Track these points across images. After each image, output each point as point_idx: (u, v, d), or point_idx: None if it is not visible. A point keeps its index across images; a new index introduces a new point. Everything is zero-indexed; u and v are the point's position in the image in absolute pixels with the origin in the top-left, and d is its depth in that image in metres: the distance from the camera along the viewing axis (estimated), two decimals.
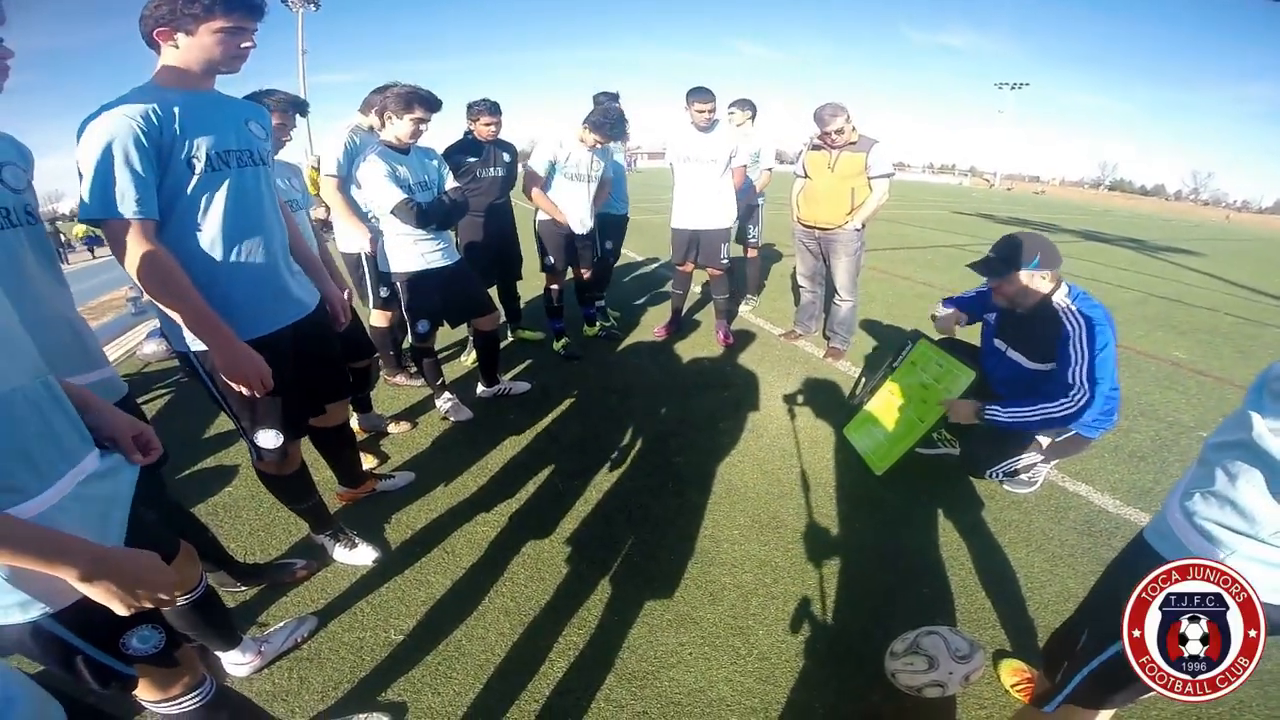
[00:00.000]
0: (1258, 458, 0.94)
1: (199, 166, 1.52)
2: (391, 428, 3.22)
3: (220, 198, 1.57)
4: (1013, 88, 77.18)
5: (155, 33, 1.48)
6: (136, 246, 1.45)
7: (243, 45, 1.54)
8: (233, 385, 1.62)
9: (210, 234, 1.59)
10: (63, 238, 30.93)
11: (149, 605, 0.89)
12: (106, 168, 1.39)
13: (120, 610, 0.86)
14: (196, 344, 1.61)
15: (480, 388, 3.62)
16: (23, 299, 1.32)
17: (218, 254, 1.60)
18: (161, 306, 1.54)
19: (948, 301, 2.97)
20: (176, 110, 1.47)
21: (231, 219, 1.60)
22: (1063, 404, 2.30)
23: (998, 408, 2.46)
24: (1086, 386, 2.27)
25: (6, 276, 1.28)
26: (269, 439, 1.82)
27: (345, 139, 3.16)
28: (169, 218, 1.52)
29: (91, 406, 1.11)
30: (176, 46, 1.49)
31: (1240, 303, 7.61)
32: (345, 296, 2.22)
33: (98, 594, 0.84)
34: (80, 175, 1.41)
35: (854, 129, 3.90)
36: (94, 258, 27.07)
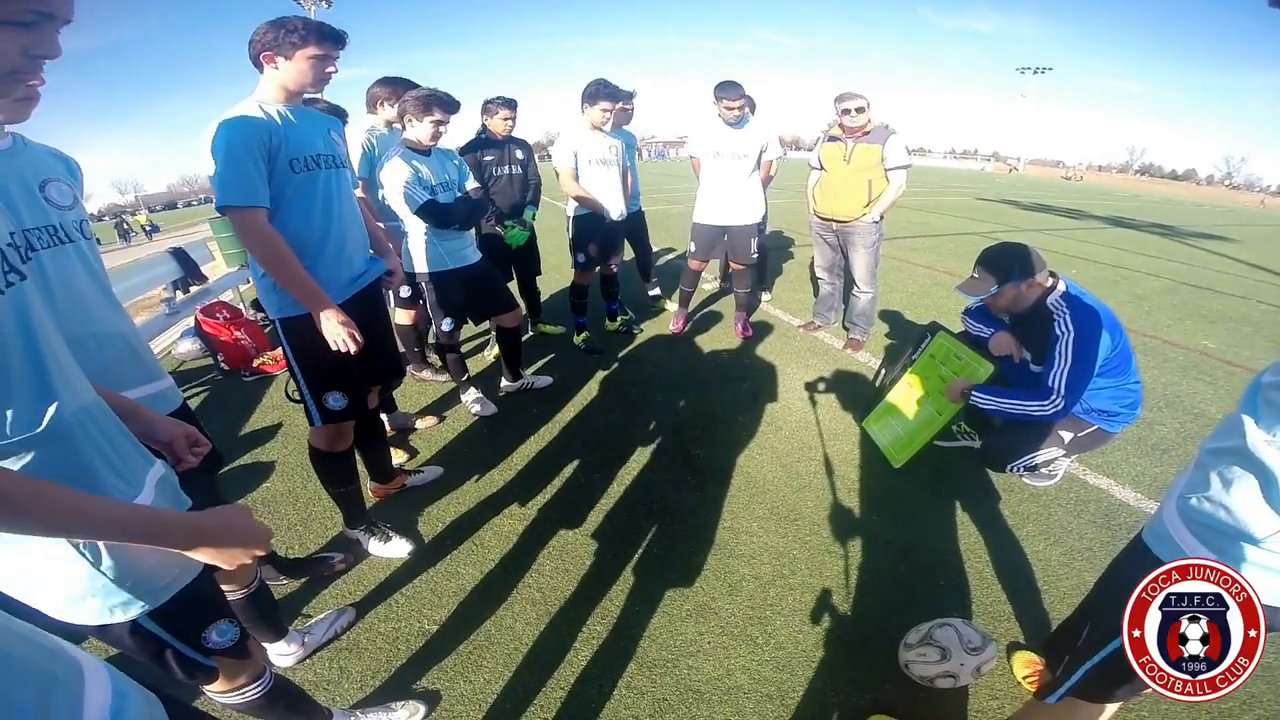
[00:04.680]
0: (1252, 464, 0.95)
1: (298, 168, 1.81)
2: (419, 423, 3.32)
3: (312, 194, 1.87)
4: (1035, 72, 75.34)
5: (261, 55, 1.77)
6: (258, 229, 1.74)
7: (328, 70, 1.84)
8: (332, 341, 1.89)
9: (305, 222, 1.88)
10: (125, 225, 34.35)
11: (247, 560, 0.95)
12: (234, 165, 1.68)
13: (226, 565, 0.93)
14: (283, 312, 1.94)
15: (504, 382, 3.70)
16: (77, 316, 1.37)
17: (309, 238, 1.90)
18: (275, 277, 1.84)
19: (972, 316, 2.90)
20: (279, 121, 1.78)
21: (320, 211, 1.91)
22: (1040, 405, 2.35)
23: (984, 393, 2.51)
24: (1063, 393, 2.30)
25: (59, 294, 1.33)
26: (337, 400, 2.06)
27: (363, 141, 3.24)
28: (274, 209, 1.80)
29: (141, 416, 1.16)
30: (277, 68, 1.78)
31: (1275, 290, 7.40)
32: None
33: (205, 555, 0.91)
34: (214, 170, 1.69)
35: (869, 120, 3.89)
36: (149, 239, 32.47)
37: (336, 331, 1.87)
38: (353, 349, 1.91)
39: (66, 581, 0.91)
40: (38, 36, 0.78)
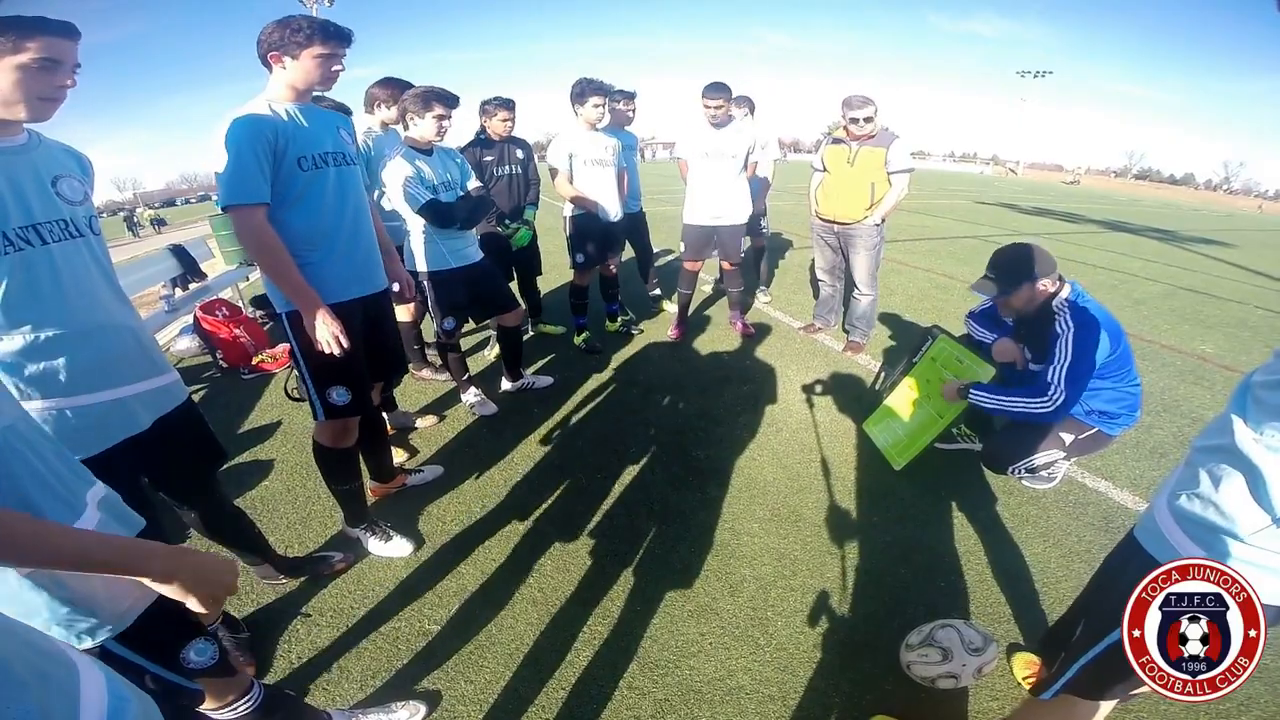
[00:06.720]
0: (1240, 462, 0.96)
1: (306, 165, 1.84)
2: (419, 422, 3.32)
3: (320, 191, 1.89)
4: (1035, 76, 76.02)
5: (269, 55, 1.79)
6: (253, 227, 1.77)
7: (335, 69, 1.85)
8: (316, 341, 1.89)
9: (310, 219, 1.90)
10: (135, 220, 36.67)
11: (220, 600, 0.91)
12: (237, 165, 1.71)
13: (195, 606, 0.88)
14: (290, 305, 1.92)
15: (504, 382, 3.70)
16: (86, 309, 1.40)
17: (314, 235, 1.93)
18: (267, 274, 1.88)
19: (975, 320, 2.94)
20: (287, 119, 1.81)
21: (329, 208, 1.93)
22: (1041, 402, 2.37)
23: (983, 391, 2.54)
24: (1063, 388, 2.32)
25: (70, 287, 1.36)
26: (341, 395, 2.07)
27: (358, 142, 3.21)
28: (281, 205, 1.83)
29: None
30: (284, 68, 1.80)
31: (1272, 295, 7.42)
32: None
33: (177, 591, 0.86)
34: (222, 169, 1.73)
35: (874, 124, 3.89)
36: (157, 232, 35.28)
37: (323, 333, 1.87)
38: (336, 351, 1.90)
39: (26, 612, 0.88)
40: None
